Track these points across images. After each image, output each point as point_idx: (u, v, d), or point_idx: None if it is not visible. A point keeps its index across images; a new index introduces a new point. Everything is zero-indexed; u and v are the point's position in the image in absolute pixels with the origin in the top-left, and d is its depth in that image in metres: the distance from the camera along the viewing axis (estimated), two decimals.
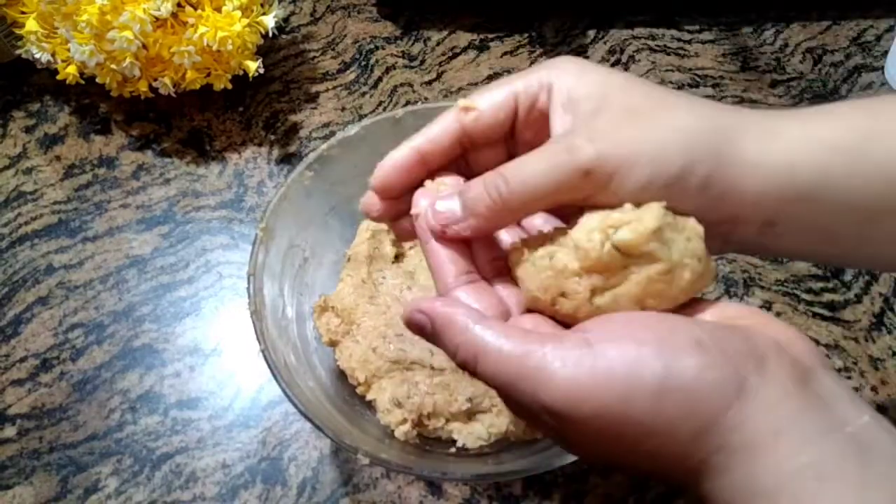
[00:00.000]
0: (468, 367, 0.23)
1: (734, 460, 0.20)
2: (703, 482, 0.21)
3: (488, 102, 0.27)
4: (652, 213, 0.22)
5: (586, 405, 0.20)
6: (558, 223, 0.29)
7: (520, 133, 0.27)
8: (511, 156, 0.26)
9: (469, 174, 0.27)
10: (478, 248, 0.27)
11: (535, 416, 0.22)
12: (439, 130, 0.27)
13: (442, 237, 0.26)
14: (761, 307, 0.48)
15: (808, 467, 0.19)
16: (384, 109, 0.59)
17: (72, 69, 0.53)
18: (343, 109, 0.59)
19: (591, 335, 0.21)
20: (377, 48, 0.63)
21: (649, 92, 0.25)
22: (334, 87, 0.60)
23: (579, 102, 0.25)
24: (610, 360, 0.20)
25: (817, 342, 0.47)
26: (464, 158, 0.28)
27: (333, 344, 0.42)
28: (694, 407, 0.20)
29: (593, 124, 0.24)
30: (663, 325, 0.21)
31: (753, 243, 0.25)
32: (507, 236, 0.29)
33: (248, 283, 0.37)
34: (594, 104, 0.24)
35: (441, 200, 0.26)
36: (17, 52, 0.56)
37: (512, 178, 0.24)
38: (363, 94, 0.60)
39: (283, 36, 0.64)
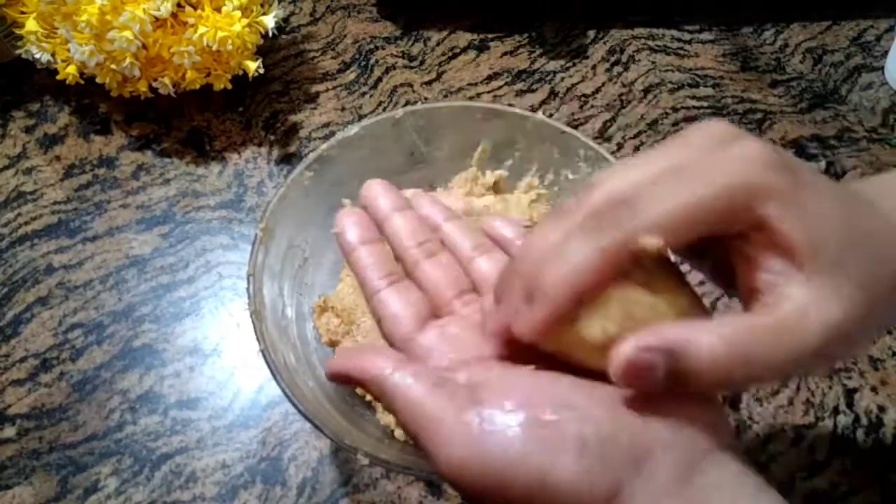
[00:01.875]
0: (389, 412, 0.24)
1: None
2: None
3: (672, 228, 0.20)
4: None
5: (468, 479, 0.21)
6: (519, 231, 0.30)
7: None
8: None
9: None
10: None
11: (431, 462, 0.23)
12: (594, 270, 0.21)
13: None
14: None
15: None
16: (384, 109, 0.59)
17: (72, 69, 0.53)
18: (343, 109, 0.59)
19: (485, 407, 0.21)
20: (377, 48, 0.63)
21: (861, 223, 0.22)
22: (334, 87, 0.60)
23: (814, 255, 0.20)
24: (495, 445, 0.21)
25: None
26: None
27: (333, 344, 0.42)
28: None
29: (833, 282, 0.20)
30: (556, 414, 0.21)
31: None
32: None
33: (248, 283, 0.37)
34: (830, 261, 0.20)
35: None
36: (17, 52, 0.56)
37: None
38: (363, 94, 0.60)
39: (283, 36, 0.64)
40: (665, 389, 0.20)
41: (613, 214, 0.21)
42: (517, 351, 0.24)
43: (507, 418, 0.21)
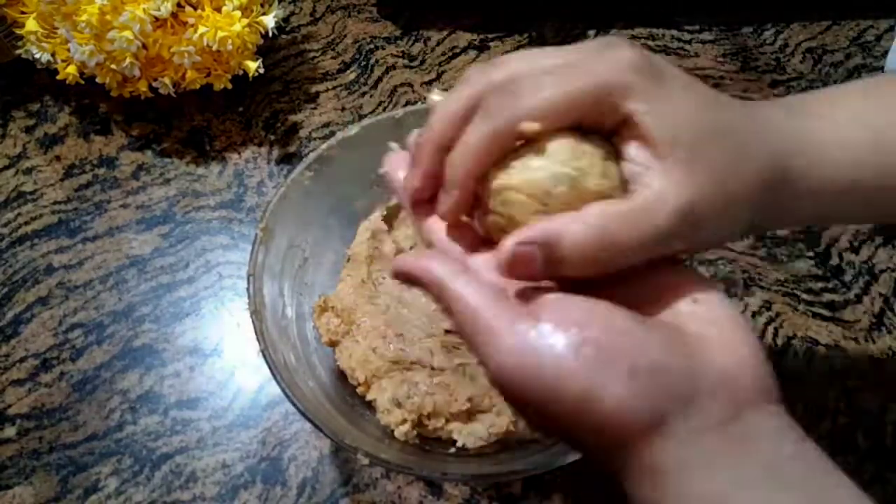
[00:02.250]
0: (448, 313, 0.24)
1: (639, 476, 0.22)
2: (623, 476, 0.22)
3: (547, 115, 0.23)
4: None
5: (518, 379, 0.22)
6: None
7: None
8: None
9: None
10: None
11: (486, 368, 0.23)
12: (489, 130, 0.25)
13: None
14: (761, 307, 0.48)
15: (711, 495, 0.21)
16: (384, 109, 0.59)
17: (72, 69, 0.53)
18: (343, 109, 0.59)
19: (542, 323, 0.22)
20: (377, 48, 0.63)
21: (719, 125, 0.24)
22: (334, 87, 0.60)
23: (665, 146, 0.23)
24: (546, 355, 0.21)
25: (817, 342, 0.47)
26: None
27: (333, 344, 0.42)
28: (604, 431, 0.21)
29: (684, 168, 0.23)
30: (611, 338, 0.22)
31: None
32: None
33: (248, 283, 0.37)
34: (684, 151, 0.23)
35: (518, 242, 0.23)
36: (17, 52, 0.56)
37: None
38: (363, 94, 0.60)
39: (283, 36, 0.64)
40: (544, 276, 0.23)
41: (501, 101, 0.24)
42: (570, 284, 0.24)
43: (561, 335, 0.21)
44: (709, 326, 0.23)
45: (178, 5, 0.51)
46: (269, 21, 0.55)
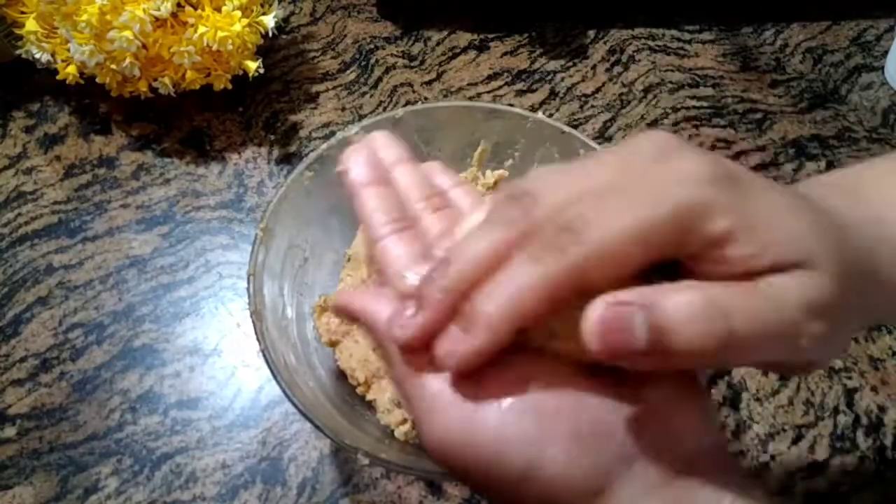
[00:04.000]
0: (387, 363, 0.23)
1: None
2: None
3: (617, 254, 0.19)
4: None
5: (456, 458, 0.21)
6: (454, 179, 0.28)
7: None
8: None
9: None
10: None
11: (418, 430, 0.23)
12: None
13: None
14: None
15: None
16: (384, 109, 0.59)
17: (72, 69, 0.53)
18: (343, 109, 0.59)
19: (482, 390, 0.21)
20: (377, 48, 0.63)
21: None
22: (334, 87, 0.60)
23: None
24: (486, 430, 0.20)
25: None
26: None
27: (333, 344, 0.42)
28: (548, 497, 0.20)
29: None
30: (552, 404, 0.21)
31: None
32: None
33: (248, 283, 0.37)
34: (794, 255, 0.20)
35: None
36: (17, 52, 0.56)
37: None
38: (363, 94, 0.60)
39: (283, 36, 0.64)
40: (645, 355, 0.18)
41: (557, 240, 0.19)
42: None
43: (504, 399, 0.21)
44: (664, 387, 0.22)
45: (178, 5, 0.51)
46: (269, 21, 0.55)
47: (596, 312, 0.18)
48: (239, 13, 0.52)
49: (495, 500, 0.22)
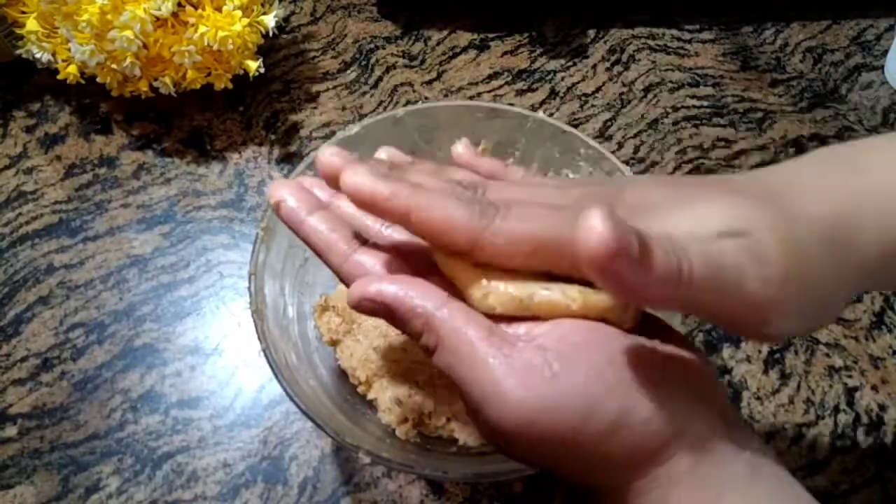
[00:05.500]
0: (428, 352, 0.22)
1: (654, 486, 0.22)
2: (626, 497, 0.22)
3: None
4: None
5: (535, 428, 0.21)
6: None
7: None
8: None
9: None
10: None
11: (476, 416, 0.22)
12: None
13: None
14: None
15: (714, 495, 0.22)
16: (385, 109, 0.59)
17: (72, 69, 0.53)
18: (343, 109, 0.59)
19: (550, 354, 0.21)
20: (377, 48, 0.63)
21: None
22: (335, 87, 0.60)
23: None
24: (571, 389, 0.21)
25: (817, 341, 0.47)
26: None
27: (334, 343, 0.42)
28: (635, 448, 0.21)
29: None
30: (623, 359, 0.21)
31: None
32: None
33: (249, 282, 0.37)
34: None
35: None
36: (18, 51, 0.56)
37: None
38: (363, 93, 0.60)
39: (284, 35, 0.64)
40: (633, 274, 0.19)
41: (486, 207, 0.22)
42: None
43: (578, 362, 0.21)
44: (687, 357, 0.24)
45: (179, 5, 0.51)
46: (270, 21, 0.55)
47: (595, 227, 0.18)
48: (239, 13, 0.52)
49: (572, 469, 0.22)
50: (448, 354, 0.22)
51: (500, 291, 0.22)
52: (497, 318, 0.22)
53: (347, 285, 0.25)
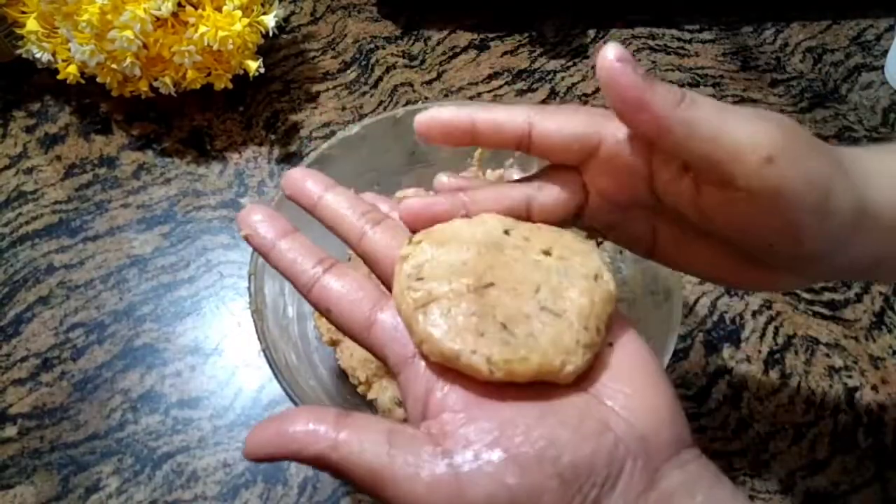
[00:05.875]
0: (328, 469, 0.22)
1: None
2: None
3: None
4: None
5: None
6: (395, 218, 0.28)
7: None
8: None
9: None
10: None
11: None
12: (505, 119, 0.26)
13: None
14: (761, 306, 0.48)
15: None
16: (385, 109, 0.59)
17: (72, 69, 0.53)
18: (343, 109, 0.59)
19: (455, 455, 0.21)
20: (377, 48, 0.63)
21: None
22: (335, 87, 0.60)
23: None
24: (475, 494, 0.20)
25: (817, 341, 0.47)
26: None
27: (334, 343, 0.42)
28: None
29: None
30: (529, 448, 0.21)
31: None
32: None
33: (249, 282, 0.37)
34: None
35: None
36: (18, 51, 0.56)
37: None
38: (363, 93, 0.60)
39: (284, 36, 0.64)
40: (637, 84, 0.23)
41: None
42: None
43: (483, 460, 0.20)
44: (624, 384, 0.23)
45: (179, 5, 0.51)
46: (270, 21, 0.55)
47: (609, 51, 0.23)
48: (239, 13, 0.52)
49: None
50: (361, 481, 0.21)
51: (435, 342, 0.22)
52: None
53: (321, 311, 0.26)
